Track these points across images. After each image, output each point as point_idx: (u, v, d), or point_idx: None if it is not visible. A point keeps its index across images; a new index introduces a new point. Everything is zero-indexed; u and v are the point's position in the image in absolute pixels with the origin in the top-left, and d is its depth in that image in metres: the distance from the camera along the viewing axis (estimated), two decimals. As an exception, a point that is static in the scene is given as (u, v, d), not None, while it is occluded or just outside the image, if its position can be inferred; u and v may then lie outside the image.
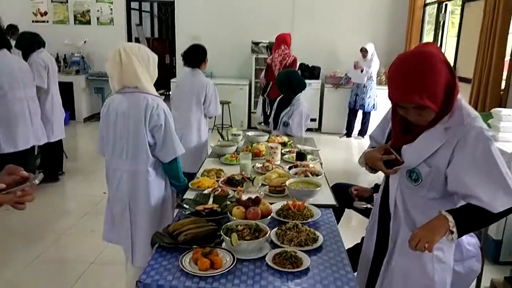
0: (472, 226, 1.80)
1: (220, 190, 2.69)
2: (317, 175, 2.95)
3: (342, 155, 7.57)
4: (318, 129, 8.85)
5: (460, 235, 1.70)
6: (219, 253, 1.89)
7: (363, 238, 2.81)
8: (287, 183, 2.69)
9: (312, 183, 2.73)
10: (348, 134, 8.52)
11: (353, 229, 4.12)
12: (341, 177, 4.46)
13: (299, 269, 1.82)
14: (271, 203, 2.45)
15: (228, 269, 1.78)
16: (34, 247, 3.82)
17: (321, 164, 3.42)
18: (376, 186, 3.15)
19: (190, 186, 2.80)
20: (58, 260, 3.69)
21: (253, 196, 2.27)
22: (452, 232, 1.68)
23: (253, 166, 3.23)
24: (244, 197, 2.37)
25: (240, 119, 8.76)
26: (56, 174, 5.43)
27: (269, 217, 2.17)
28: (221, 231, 1.97)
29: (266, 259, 1.88)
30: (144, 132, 2.56)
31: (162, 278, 1.75)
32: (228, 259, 1.86)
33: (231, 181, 2.84)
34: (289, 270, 1.81)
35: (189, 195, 2.64)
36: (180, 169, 2.77)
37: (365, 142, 8.28)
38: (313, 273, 1.83)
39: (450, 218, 1.70)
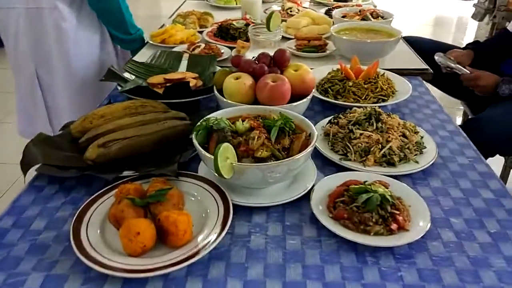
0: None
1: (204, 46, 1.42)
2: (382, 18, 1.64)
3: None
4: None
5: None
6: (185, 198, 0.71)
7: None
8: (332, 30, 1.40)
9: (378, 30, 1.43)
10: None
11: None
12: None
13: (407, 240, 0.65)
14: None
15: (204, 249, 0.61)
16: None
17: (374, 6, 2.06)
18: (478, 44, 1.86)
19: (149, 40, 1.53)
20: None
21: (272, 52, 1.01)
22: None
23: (265, 10, 1.90)
24: (250, 55, 1.11)
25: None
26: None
27: (309, 97, 0.94)
28: (194, 133, 0.76)
29: (312, 206, 0.71)
30: None
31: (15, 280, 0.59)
32: (211, 213, 0.69)
33: (225, 32, 1.55)
34: (384, 245, 0.65)
35: (145, 56, 1.38)
36: (126, 7, 1.46)
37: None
38: (440, 245, 0.66)
39: None
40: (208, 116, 0.79)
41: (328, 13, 1.86)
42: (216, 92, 0.95)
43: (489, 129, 1.43)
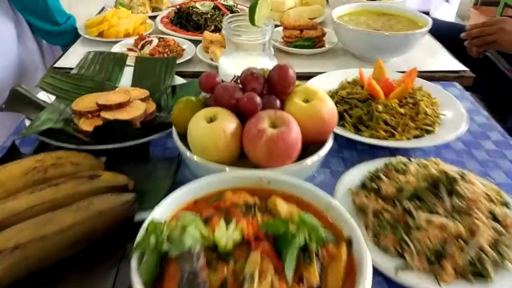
0: None
1: (157, 42, 1.02)
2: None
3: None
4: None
5: None
6: None
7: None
8: (334, 15, 1.03)
9: (393, 14, 1.08)
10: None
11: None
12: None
13: None
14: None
15: None
16: None
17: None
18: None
19: (83, 33, 1.11)
20: None
21: (259, 59, 0.64)
22: None
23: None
24: (227, 69, 0.73)
25: None
26: None
27: (329, 145, 0.58)
28: (134, 264, 0.39)
29: None
30: None
31: None
32: None
33: (186, 19, 1.15)
34: None
35: (77, 56, 0.97)
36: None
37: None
38: None
39: None
40: (155, 217, 0.42)
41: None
42: (177, 140, 0.58)
43: None
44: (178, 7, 1.17)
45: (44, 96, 0.78)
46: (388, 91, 0.74)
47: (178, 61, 0.96)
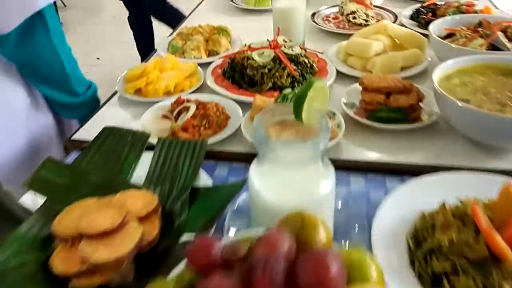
0: None
1: (194, 109, 0.80)
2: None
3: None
4: None
5: None
6: None
7: None
8: (435, 79, 0.72)
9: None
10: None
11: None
12: None
13: None
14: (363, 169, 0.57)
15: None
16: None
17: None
18: None
19: (121, 91, 0.94)
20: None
21: (307, 185, 0.38)
22: None
23: (314, 16, 1.24)
24: (257, 186, 0.48)
25: None
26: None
27: None
28: None
29: None
30: None
31: None
32: None
33: (240, 72, 0.91)
34: None
35: (100, 124, 0.80)
36: (67, 51, 0.88)
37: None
38: None
39: None
40: None
41: (418, 18, 1.15)
42: None
43: None
44: (232, 57, 0.94)
45: (29, 201, 0.61)
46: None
47: (215, 139, 0.74)
